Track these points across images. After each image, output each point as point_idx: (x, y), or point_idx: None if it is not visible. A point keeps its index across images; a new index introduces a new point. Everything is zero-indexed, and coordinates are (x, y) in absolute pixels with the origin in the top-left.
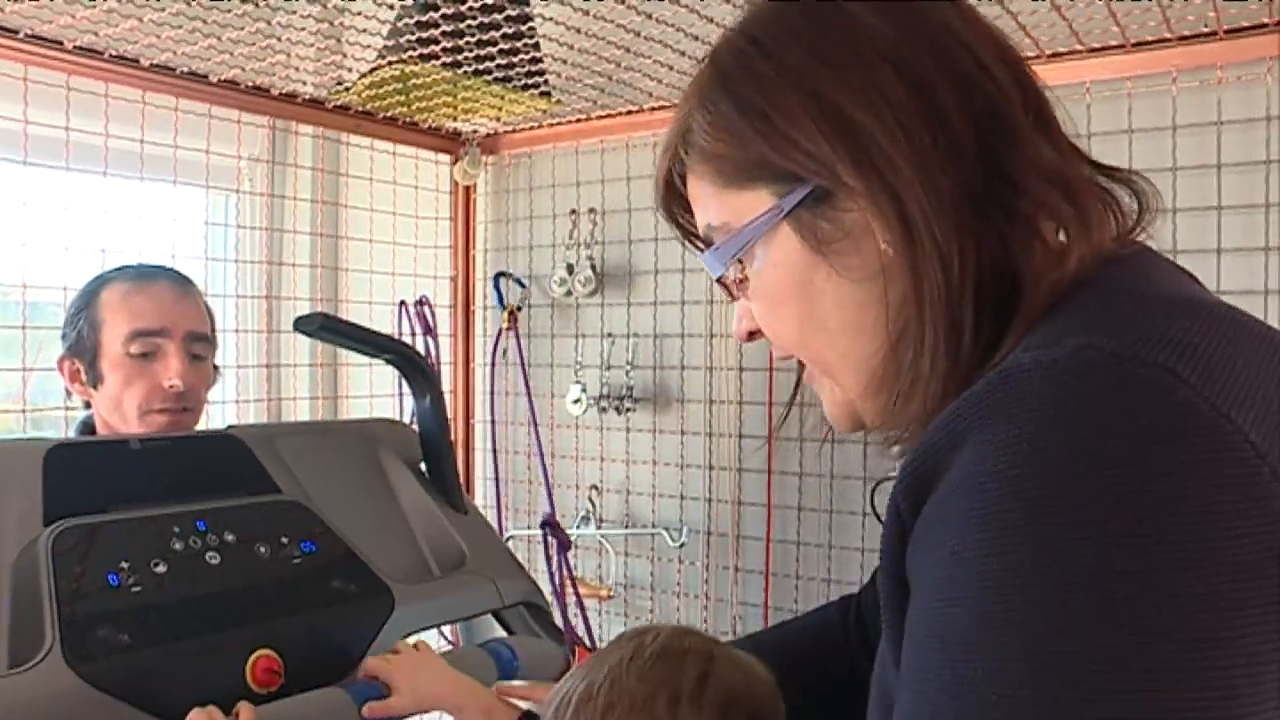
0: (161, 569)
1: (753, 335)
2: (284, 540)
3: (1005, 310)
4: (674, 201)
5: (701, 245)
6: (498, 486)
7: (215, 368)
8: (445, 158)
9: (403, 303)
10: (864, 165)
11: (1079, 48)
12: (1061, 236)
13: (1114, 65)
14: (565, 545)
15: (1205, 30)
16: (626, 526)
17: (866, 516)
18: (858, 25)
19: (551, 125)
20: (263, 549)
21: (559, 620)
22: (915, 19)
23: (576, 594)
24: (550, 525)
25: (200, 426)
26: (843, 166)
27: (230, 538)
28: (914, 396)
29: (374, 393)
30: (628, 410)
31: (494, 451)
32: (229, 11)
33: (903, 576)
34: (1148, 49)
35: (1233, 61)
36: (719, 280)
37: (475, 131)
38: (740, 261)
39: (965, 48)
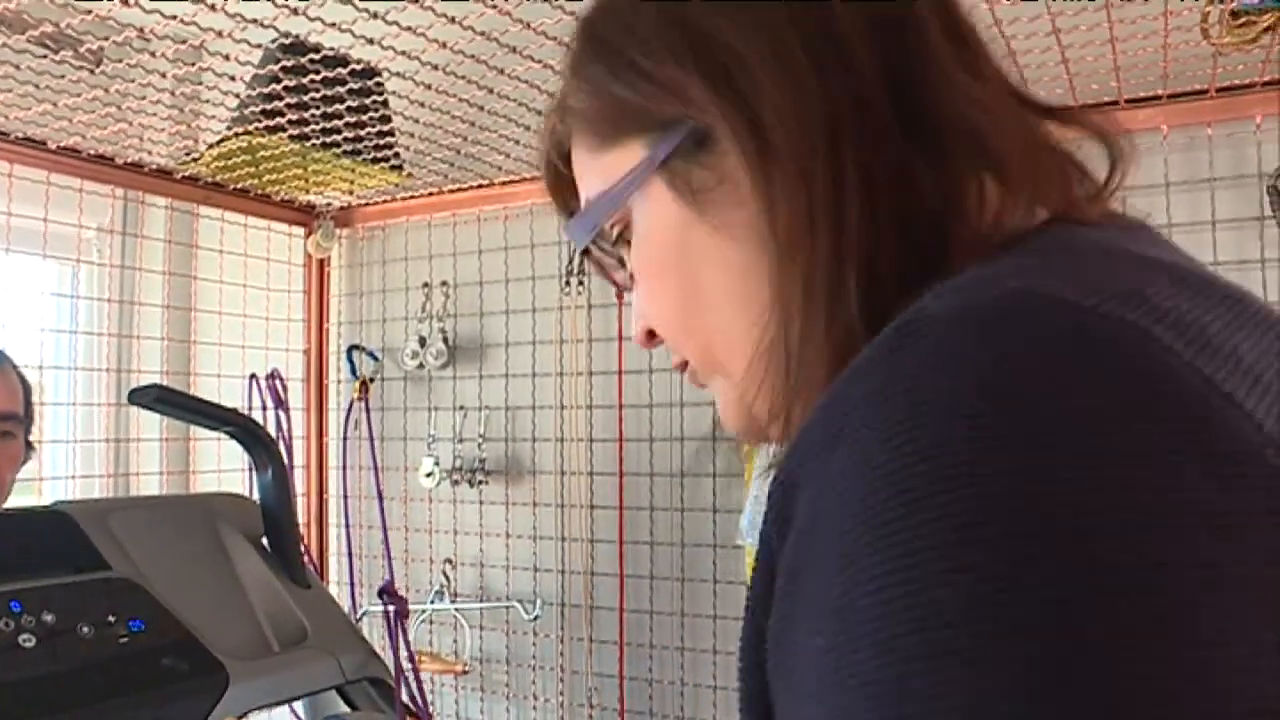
0: None
1: (651, 337)
2: (111, 619)
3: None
4: (565, 192)
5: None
6: (350, 561)
7: (30, 445)
8: (299, 230)
9: (253, 376)
10: (722, 88)
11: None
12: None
13: None
14: (403, 613)
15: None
16: (481, 600)
17: (718, 583)
18: None
19: (404, 199)
20: (86, 629)
21: (416, 691)
22: None
23: (412, 661)
24: (388, 592)
25: (30, 504)
26: (706, 94)
27: (49, 618)
28: (801, 381)
29: (223, 467)
30: (480, 483)
31: (346, 526)
32: (62, 78)
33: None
34: None
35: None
36: (604, 271)
37: (329, 204)
38: (624, 239)
39: None
